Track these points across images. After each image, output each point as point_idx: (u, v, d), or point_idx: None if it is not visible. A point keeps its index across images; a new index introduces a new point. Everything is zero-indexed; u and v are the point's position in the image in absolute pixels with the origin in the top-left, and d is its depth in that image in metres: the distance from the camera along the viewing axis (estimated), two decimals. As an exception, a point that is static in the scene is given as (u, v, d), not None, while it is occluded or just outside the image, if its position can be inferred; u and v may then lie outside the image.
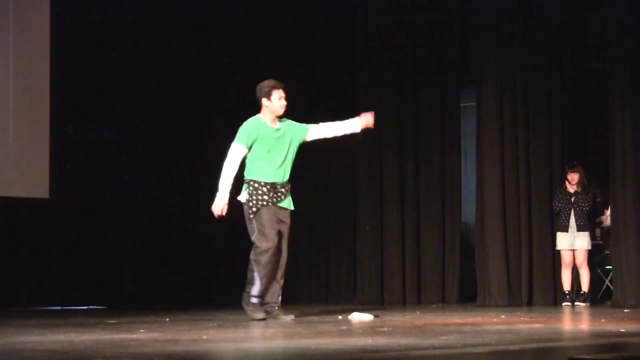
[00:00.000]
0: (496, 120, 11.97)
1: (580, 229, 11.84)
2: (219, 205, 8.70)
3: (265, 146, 8.74)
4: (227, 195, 8.67)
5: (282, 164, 8.78)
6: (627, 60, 11.42)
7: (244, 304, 8.86)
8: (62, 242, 12.12)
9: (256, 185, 8.66)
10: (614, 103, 11.45)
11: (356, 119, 9.14)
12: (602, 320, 8.95)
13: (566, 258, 11.83)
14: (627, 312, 10.30)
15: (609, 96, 11.50)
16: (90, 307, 11.93)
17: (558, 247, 11.88)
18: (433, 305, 11.93)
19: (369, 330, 7.61)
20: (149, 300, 12.38)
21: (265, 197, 8.63)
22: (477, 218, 12.03)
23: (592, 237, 12.29)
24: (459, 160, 12.57)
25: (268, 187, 8.67)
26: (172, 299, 12.74)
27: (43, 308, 11.58)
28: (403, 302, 12.25)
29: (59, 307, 11.78)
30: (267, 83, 8.95)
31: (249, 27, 13.30)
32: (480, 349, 5.75)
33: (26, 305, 11.65)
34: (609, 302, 11.73)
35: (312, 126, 9.06)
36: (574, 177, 11.84)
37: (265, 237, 8.66)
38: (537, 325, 8.08)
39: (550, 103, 12.04)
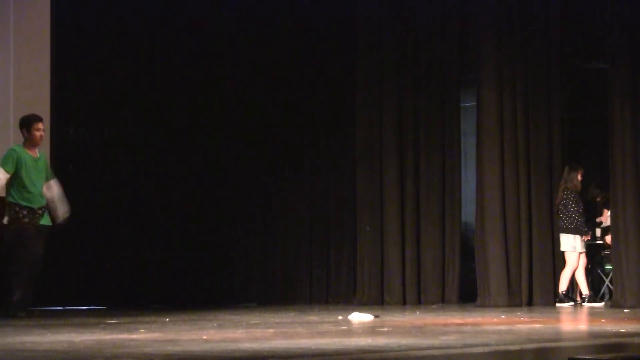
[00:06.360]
0: (496, 120, 11.97)
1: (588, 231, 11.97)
2: None
3: (26, 173, 9.68)
4: None
5: (40, 190, 9.74)
6: (627, 60, 11.42)
7: (14, 313, 9.51)
8: (62, 242, 12.10)
9: (17, 209, 9.64)
10: (614, 103, 11.45)
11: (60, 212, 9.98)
12: (602, 320, 8.96)
13: (577, 260, 11.79)
14: (627, 312, 10.30)
15: (609, 96, 11.50)
16: (90, 307, 11.92)
17: (578, 250, 11.79)
18: (433, 305, 11.93)
19: (369, 330, 7.62)
20: (149, 300, 12.38)
21: (26, 220, 9.64)
22: (477, 218, 12.03)
23: (593, 237, 12.31)
24: (459, 160, 12.57)
25: (27, 210, 9.66)
26: (172, 299, 12.74)
27: (43, 308, 11.57)
28: (403, 302, 12.25)
29: (59, 307, 11.76)
30: (28, 117, 9.85)
31: (250, 27, 13.29)
32: (480, 349, 5.76)
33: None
34: (609, 302, 11.73)
35: (52, 180, 9.95)
36: (580, 179, 11.88)
37: (26, 250, 9.59)
38: (537, 325, 8.09)
39: (550, 103, 12.04)
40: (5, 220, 9.72)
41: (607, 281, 12.44)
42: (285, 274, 13.13)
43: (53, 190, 9.93)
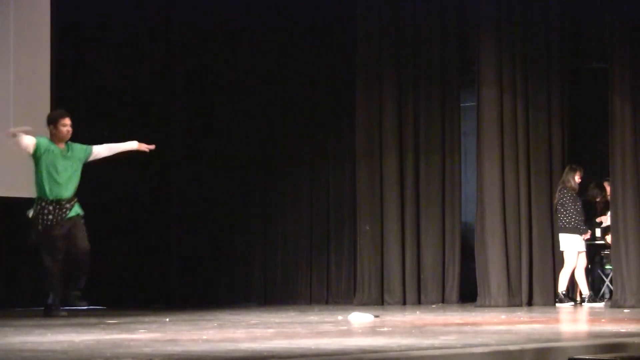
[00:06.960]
0: (496, 120, 11.97)
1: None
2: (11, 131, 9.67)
3: (53, 166, 9.63)
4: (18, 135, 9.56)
5: (68, 181, 9.69)
6: (627, 60, 11.42)
7: (74, 301, 9.73)
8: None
9: (43, 203, 9.56)
10: (614, 103, 11.45)
11: (135, 142, 10.16)
12: (602, 320, 8.95)
13: (576, 260, 11.82)
14: (627, 312, 10.30)
15: (609, 96, 11.50)
16: (90, 307, 11.92)
17: (578, 249, 11.83)
18: (433, 305, 11.94)
19: (369, 330, 7.61)
20: (149, 300, 12.38)
21: (51, 217, 9.55)
22: (477, 218, 12.03)
23: (593, 237, 12.32)
24: (459, 160, 12.57)
25: (54, 204, 9.56)
26: (172, 299, 12.75)
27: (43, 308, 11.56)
28: (403, 302, 12.25)
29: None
30: (55, 113, 9.94)
31: (250, 27, 13.30)
32: (480, 349, 5.76)
33: (27, 305, 11.64)
34: (609, 302, 11.73)
35: (94, 147, 9.96)
36: (579, 180, 11.89)
37: (55, 251, 9.54)
38: (537, 325, 8.08)
39: (550, 103, 12.04)
40: (30, 214, 9.60)
41: (607, 281, 12.44)
42: (285, 274, 13.14)
43: (107, 146, 9.99)
